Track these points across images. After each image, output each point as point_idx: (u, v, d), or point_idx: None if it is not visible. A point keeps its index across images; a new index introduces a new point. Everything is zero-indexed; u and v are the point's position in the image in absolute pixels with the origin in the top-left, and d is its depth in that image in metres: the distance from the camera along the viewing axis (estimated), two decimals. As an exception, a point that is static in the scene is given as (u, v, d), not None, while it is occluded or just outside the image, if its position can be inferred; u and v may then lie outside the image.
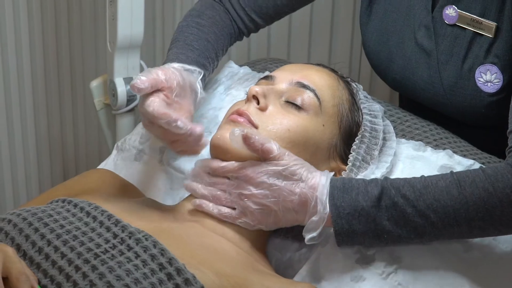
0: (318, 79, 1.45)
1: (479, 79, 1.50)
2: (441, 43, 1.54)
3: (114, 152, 1.69)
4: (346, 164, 1.43)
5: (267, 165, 1.32)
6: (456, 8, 1.51)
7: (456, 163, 1.47)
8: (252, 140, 1.30)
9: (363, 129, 1.46)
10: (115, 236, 1.21)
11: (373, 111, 1.50)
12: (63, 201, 1.32)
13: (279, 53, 2.41)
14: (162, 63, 1.53)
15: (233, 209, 1.35)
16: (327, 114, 1.42)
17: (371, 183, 1.30)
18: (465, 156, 1.51)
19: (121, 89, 1.95)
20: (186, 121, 1.36)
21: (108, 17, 1.92)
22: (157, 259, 1.17)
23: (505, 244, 1.38)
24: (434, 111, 1.62)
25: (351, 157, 1.43)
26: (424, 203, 1.27)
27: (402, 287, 1.32)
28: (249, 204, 1.33)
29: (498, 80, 1.48)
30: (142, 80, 1.35)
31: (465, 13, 1.50)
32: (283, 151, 1.32)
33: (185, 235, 1.31)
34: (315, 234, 1.31)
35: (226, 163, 1.35)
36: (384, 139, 1.50)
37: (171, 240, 1.26)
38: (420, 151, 1.51)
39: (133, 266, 1.15)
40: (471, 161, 1.48)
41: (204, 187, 1.37)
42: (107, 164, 1.67)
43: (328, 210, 1.29)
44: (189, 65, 1.50)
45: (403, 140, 1.55)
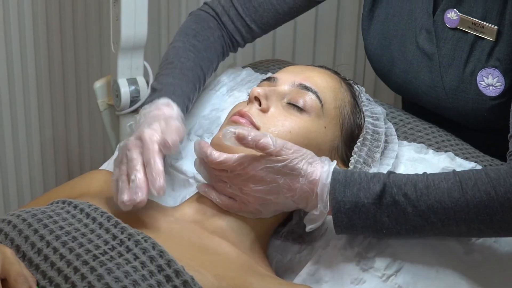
0: (320, 81, 1.44)
1: (481, 82, 1.50)
2: (443, 47, 1.54)
3: (116, 152, 1.68)
4: (347, 166, 1.43)
5: (265, 162, 1.31)
6: (457, 11, 1.51)
7: (457, 165, 1.47)
8: (245, 140, 1.29)
9: (365, 132, 1.46)
10: (115, 237, 1.21)
11: (375, 113, 1.50)
12: (64, 202, 1.32)
13: (284, 56, 2.40)
14: (156, 78, 1.55)
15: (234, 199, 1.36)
16: (329, 116, 1.42)
17: (374, 179, 1.29)
18: (466, 158, 1.50)
19: (125, 89, 1.95)
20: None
21: (111, 18, 1.92)
22: (156, 260, 1.17)
23: (506, 247, 1.38)
24: (436, 114, 1.62)
25: (352, 159, 1.42)
26: (425, 204, 1.27)
27: (402, 290, 1.32)
28: (249, 198, 1.33)
29: (500, 83, 1.48)
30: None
31: (466, 16, 1.50)
32: (280, 144, 1.30)
33: (186, 237, 1.31)
34: (314, 226, 1.32)
35: (223, 158, 1.33)
36: (386, 141, 1.49)
37: (171, 242, 1.26)
38: (421, 153, 1.51)
39: (131, 267, 1.15)
40: (473, 164, 1.48)
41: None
42: (109, 165, 1.67)
43: (328, 207, 1.29)
44: (182, 103, 1.50)
45: (405, 142, 1.55)
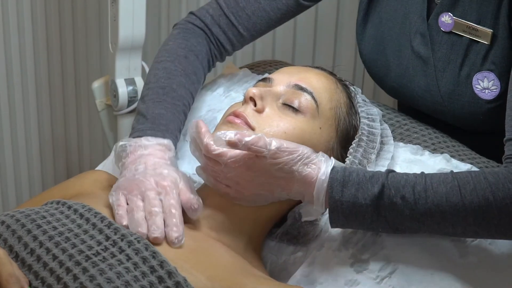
0: (315, 81, 1.44)
1: (476, 86, 1.49)
2: (438, 51, 1.53)
3: (112, 153, 1.68)
4: (343, 167, 1.42)
5: (260, 164, 1.29)
6: (451, 15, 1.50)
7: (453, 167, 1.47)
8: (236, 146, 1.28)
9: (360, 133, 1.46)
10: (108, 238, 1.21)
11: (371, 114, 1.50)
12: (58, 203, 1.31)
13: (284, 57, 2.40)
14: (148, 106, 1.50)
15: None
16: (324, 117, 1.41)
17: (372, 179, 1.28)
18: (462, 160, 1.50)
19: (122, 90, 1.95)
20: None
21: (109, 18, 1.93)
22: (148, 261, 1.17)
23: (502, 249, 1.37)
24: (432, 117, 1.61)
25: (347, 160, 1.42)
26: (422, 207, 1.26)
27: (396, 291, 1.32)
28: (244, 191, 1.33)
29: (495, 87, 1.48)
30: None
31: (461, 20, 1.49)
32: (275, 147, 1.28)
33: None
34: (310, 219, 1.35)
35: (219, 152, 1.31)
36: (381, 143, 1.49)
37: (164, 243, 1.25)
38: (417, 155, 1.51)
39: (124, 268, 1.15)
40: (469, 165, 1.48)
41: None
42: (106, 165, 1.67)
43: (324, 207, 1.30)
44: (175, 139, 1.48)
45: (401, 143, 1.55)
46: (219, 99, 1.69)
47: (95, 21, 2.56)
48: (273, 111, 1.39)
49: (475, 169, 1.48)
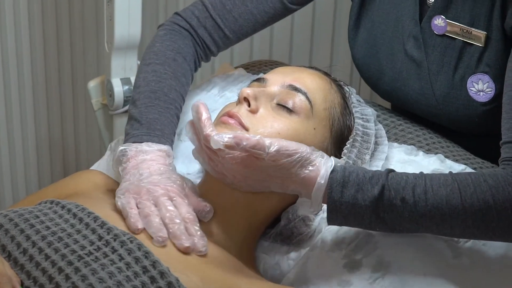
0: (310, 82, 1.44)
1: (471, 88, 1.49)
2: (431, 54, 1.53)
3: (107, 152, 1.68)
4: (336, 168, 1.42)
5: (259, 164, 1.28)
6: (444, 18, 1.50)
7: (447, 167, 1.47)
8: (234, 149, 1.26)
9: (354, 133, 1.45)
10: (100, 238, 1.21)
11: (365, 115, 1.50)
12: (51, 203, 1.31)
13: (281, 57, 2.41)
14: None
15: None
16: (318, 117, 1.41)
17: (372, 179, 1.25)
18: (457, 161, 1.50)
19: (118, 89, 1.95)
20: None
21: (105, 18, 1.93)
22: (141, 262, 1.17)
23: (495, 250, 1.37)
24: (427, 120, 1.61)
25: (342, 161, 1.42)
26: (422, 209, 1.24)
27: (389, 292, 1.32)
28: (240, 182, 1.32)
29: (490, 89, 1.47)
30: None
31: (454, 23, 1.49)
32: (273, 151, 1.26)
33: None
34: (306, 213, 1.34)
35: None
36: (376, 143, 1.49)
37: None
38: (412, 155, 1.51)
39: (116, 268, 1.15)
40: (463, 166, 1.48)
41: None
42: (100, 164, 1.66)
43: (321, 208, 1.30)
44: (171, 142, 1.48)
45: (395, 144, 1.55)
46: (214, 99, 1.69)
47: (92, 21, 2.56)
48: (267, 112, 1.39)
49: (469, 169, 1.48)
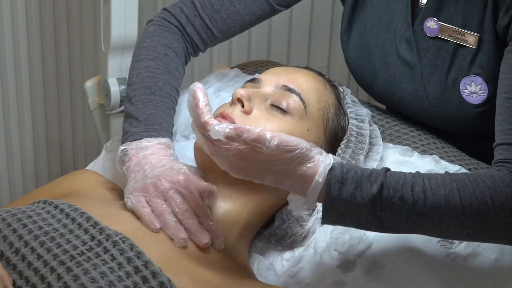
0: (304, 82, 1.44)
1: (464, 91, 1.49)
2: (424, 56, 1.53)
3: (103, 152, 1.69)
4: (331, 169, 1.42)
5: (257, 157, 1.21)
6: (437, 20, 1.50)
7: (442, 168, 1.47)
8: (235, 140, 1.20)
9: (348, 134, 1.45)
10: (93, 238, 1.21)
11: (360, 115, 1.50)
12: (44, 202, 1.31)
13: (279, 57, 2.41)
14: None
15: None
16: (312, 118, 1.41)
17: (371, 177, 1.22)
18: (452, 161, 1.50)
19: (115, 89, 1.95)
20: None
21: (102, 17, 1.93)
22: (133, 262, 1.17)
23: (489, 251, 1.37)
24: (421, 122, 1.61)
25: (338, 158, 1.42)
26: (421, 209, 1.22)
27: (383, 293, 1.32)
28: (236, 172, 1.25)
29: (483, 91, 1.47)
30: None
31: (446, 25, 1.49)
32: (274, 143, 1.20)
33: (167, 239, 1.30)
34: (297, 211, 1.31)
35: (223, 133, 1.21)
36: (370, 144, 1.49)
37: (151, 243, 1.25)
38: (406, 156, 1.51)
39: (108, 268, 1.15)
40: (457, 167, 1.48)
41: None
42: (96, 164, 1.67)
43: (316, 206, 1.28)
44: (171, 135, 1.48)
45: (390, 144, 1.55)
46: (209, 99, 1.67)
47: (90, 20, 2.56)
48: (260, 113, 1.39)
49: (464, 170, 1.48)
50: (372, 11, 1.61)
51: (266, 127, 1.36)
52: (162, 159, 1.38)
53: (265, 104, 1.40)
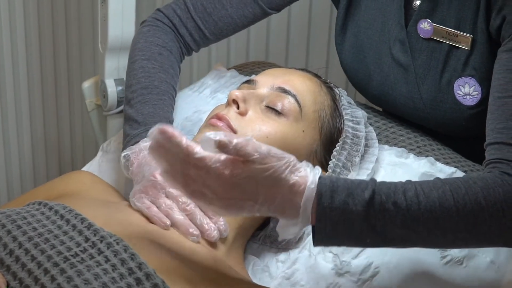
0: (299, 84, 1.44)
1: (458, 92, 1.49)
2: (418, 58, 1.52)
3: (99, 153, 1.69)
4: (326, 170, 1.42)
5: (249, 169, 1.17)
6: (430, 21, 1.50)
7: (437, 170, 1.46)
8: (226, 149, 1.16)
9: (344, 135, 1.45)
10: (87, 239, 1.21)
11: (355, 117, 1.49)
12: (39, 204, 1.31)
13: (278, 57, 2.41)
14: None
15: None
16: (307, 119, 1.41)
17: (361, 185, 1.19)
18: (447, 163, 1.49)
19: (112, 90, 1.94)
20: None
21: (99, 18, 1.92)
22: (126, 263, 1.16)
23: (484, 253, 1.37)
24: (417, 124, 1.61)
25: (331, 163, 1.42)
26: (415, 213, 1.19)
27: (377, 295, 1.32)
28: (215, 201, 1.18)
29: (476, 92, 1.47)
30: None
31: (440, 26, 1.49)
32: (265, 152, 1.16)
33: (162, 241, 1.29)
34: (290, 236, 1.22)
35: (203, 155, 1.16)
36: (366, 145, 1.49)
37: (145, 245, 1.25)
38: (402, 157, 1.50)
39: (102, 270, 1.15)
40: (453, 169, 1.47)
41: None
42: (92, 165, 1.67)
43: (310, 220, 1.19)
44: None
45: (386, 146, 1.54)
46: (206, 101, 1.69)
47: (88, 21, 2.56)
48: (256, 114, 1.39)
49: (459, 172, 1.47)
50: (366, 13, 1.60)
51: (261, 129, 1.36)
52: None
53: (261, 105, 1.40)
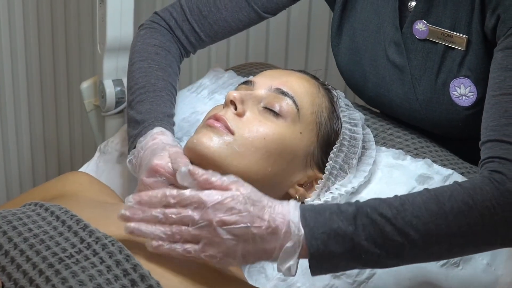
0: (297, 86, 1.44)
1: (453, 93, 1.49)
2: (413, 59, 1.52)
3: (97, 154, 1.69)
4: (323, 172, 1.42)
5: (231, 192, 1.19)
6: (426, 22, 1.50)
7: (434, 172, 1.46)
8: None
9: (342, 138, 1.45)
10: (82, 241, 1.20)
11: (353, 119, 1.49)
12: (35, 205, 1.31)
13: (277, 58, 2.41)
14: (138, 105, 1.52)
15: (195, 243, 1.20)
16: (305, 121, 1.41)
17: (344, 204, 1.20)
18: (445, 165, 1.49)
19: (110, 90, 1.94)
20: None
21: (98, 19, 1.92)
22: (121, 265, 1.16)
23: (481, 256, 1.37)
24: (413, 126, 1.61)
25: (328, 165, 1.42)
26: (403, 220, 1.18)
27: (373, 297, 1.32)
28: (220, 231, 1.18)
29: (472, 93, 1.47)
30: None
31: (435, 27, 1.49)
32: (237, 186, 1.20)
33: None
34: (292, 262, 1.17)
35: (182, 191, 1.19)
36: (363, 147, 1.49)
37: (139, 246, 1.25)
38: (399, 159, 1.50)
39: (97, 271, 1.15)
40: (450, 171, 1.47)
41: (156, 228, 1.21)
42: (89, 166, 1.67)
43: (303, 231, 1.17)
44: (169, 125, 1.49)
45: (383, 148, 1.54)
46: (203, 101, 1.69)
47: (87, 21, 2.56)
48: (253, 115, 1.39)
49: (457, 174, 1.47)
50: (361, 15, 1.60)
51: (258, 131, 1.36)
52: (147, 154, 1.40)
53: (258, 106, 1.40)
